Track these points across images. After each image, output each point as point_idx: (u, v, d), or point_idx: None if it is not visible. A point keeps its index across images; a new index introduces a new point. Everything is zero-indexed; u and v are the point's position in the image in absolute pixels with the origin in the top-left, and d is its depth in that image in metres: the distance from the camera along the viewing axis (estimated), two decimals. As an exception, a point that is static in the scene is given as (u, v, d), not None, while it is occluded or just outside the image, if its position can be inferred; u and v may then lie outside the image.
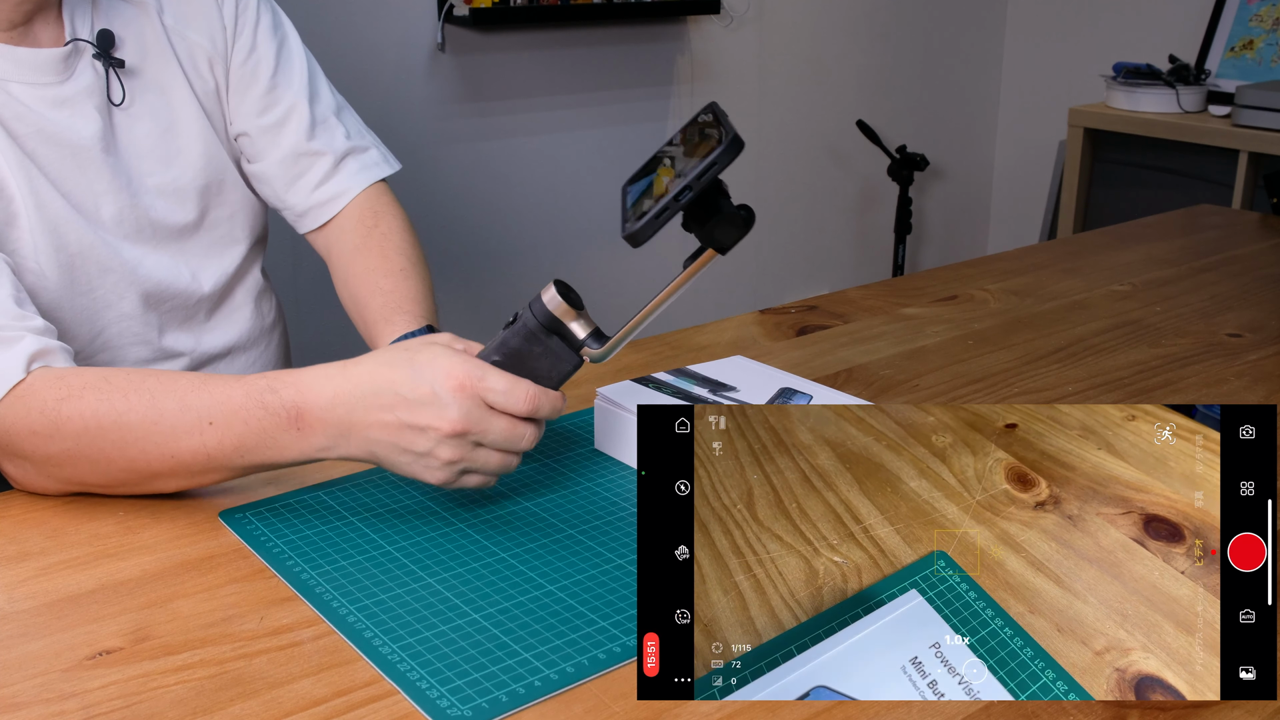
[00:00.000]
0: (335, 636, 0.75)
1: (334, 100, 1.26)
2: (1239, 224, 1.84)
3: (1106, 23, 3.34)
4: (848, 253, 3.51)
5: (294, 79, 1.23)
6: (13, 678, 0.71)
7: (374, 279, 1.18)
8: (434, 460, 0.84)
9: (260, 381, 0.86)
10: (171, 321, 1.17)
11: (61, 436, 0.88)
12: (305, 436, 0.85)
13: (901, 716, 0.67)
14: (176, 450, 0.87)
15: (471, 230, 2.78)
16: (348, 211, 1.24)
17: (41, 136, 1.06)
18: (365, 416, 0.84)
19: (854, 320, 1.36)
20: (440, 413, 0.83)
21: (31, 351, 0.90)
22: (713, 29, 3.04)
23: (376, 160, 1.27)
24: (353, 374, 0.85)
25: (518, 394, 0.84)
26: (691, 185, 0.80)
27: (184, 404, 0.87)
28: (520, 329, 0.87)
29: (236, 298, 1.23)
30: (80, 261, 1.08)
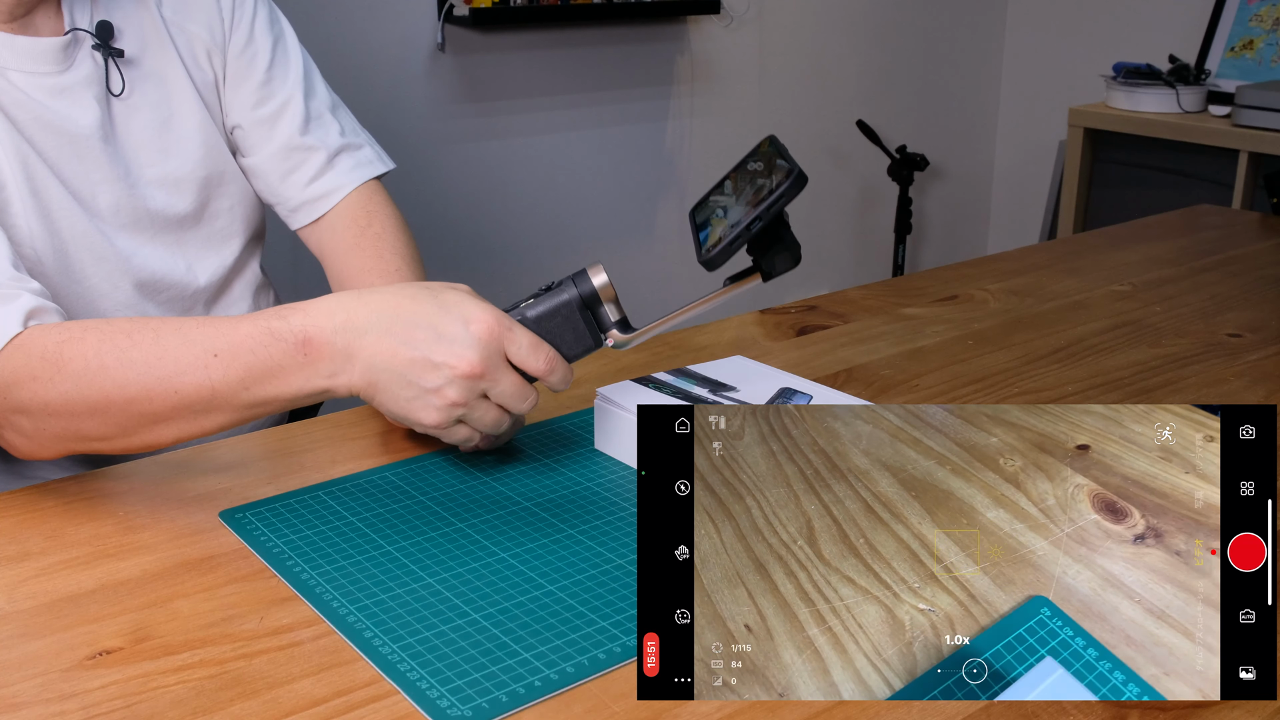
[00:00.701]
0: (335, 636, 0.75)
1: (329, 97, 1.27)
2: (1239, 224, 1.84)
3: (1106, 23, 3.34)
4: (848, 253, 3.51)
5: (290, 73, 1.23)
6: (13, 678, 0.71)
7: (369, 279, 1.18)
8: (438, 399, 0.84)
9: (269, 311, 0.86)
10: (169, 312, 1.17)
11: (62, 377, 0.86)
12: (311, 362, 0.84)
13: (901, 716, 0.67)
14: (180, 386, 0.85)
15: (471, 230, 2.78)
16: (341, 209, 1.24)
17: (40, 124, 1.06)
18: (377, 343, 0.83)
19: (854, 320, 1.36)
20: (462, 352, 0.83)
21: (29, 308, 0.90)
22: (713, 29, 3.04)
23: (370, 158, 1.27)
24: (369, 300, 0.85)
25: (539, 353, 0.86)
26: (762, 216, 0.88)
27: (188, 338, 0.86)
28: (560, 296, 0.90)
29: (234, 291, 1.24)
30: (74, 248, 1.08)
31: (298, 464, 0.98)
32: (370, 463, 0.99)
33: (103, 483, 0.95)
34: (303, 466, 0.98)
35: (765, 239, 0.90)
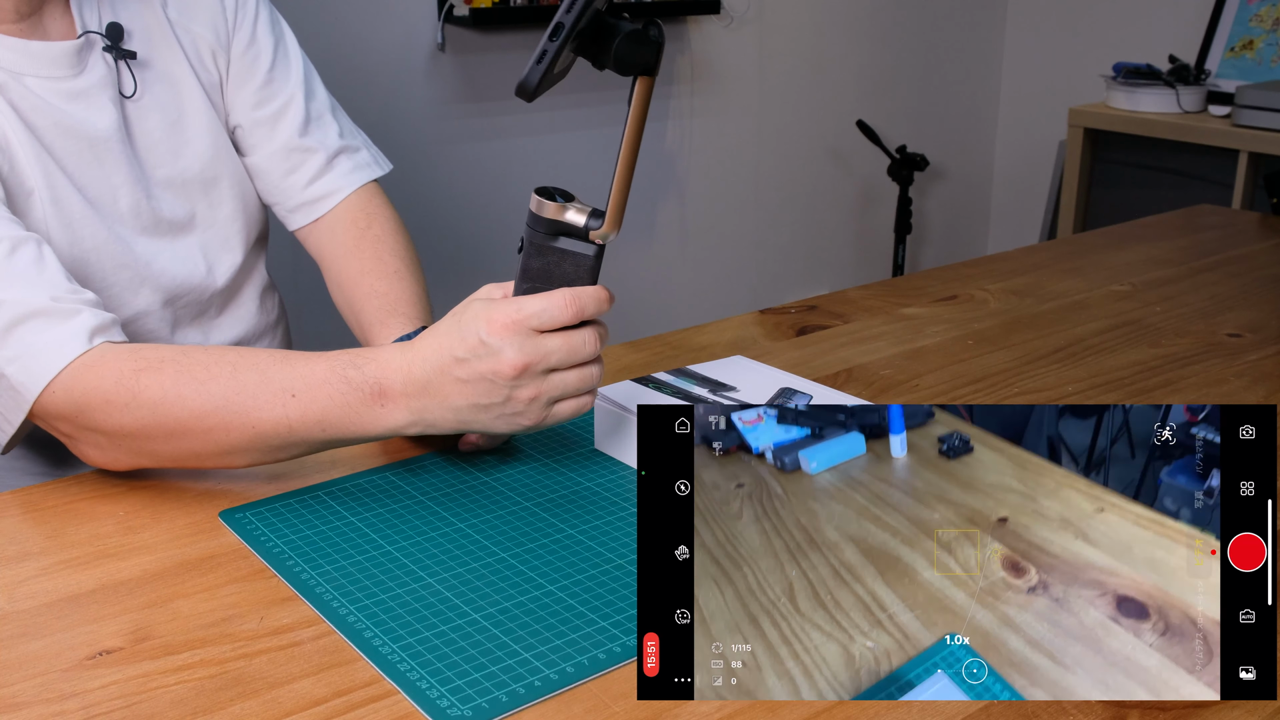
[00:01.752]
0: (335, 636, 0.75)
1: (329, 100, 1.27)
2: (1239, 224, 1.84)
3: (1106, 23, 3.34)
4: (848, 253, 3.51)
5: (291, 74, 1.24)
6: (13, 678, 0.71)
7: (369, 281, 1.18)
8: (517, 404, 0.85)
9: (343, 357, 0.88)
10: (185, 317, 1.18)
11: (138, 405, 0.88)
12: (389, 412, 0.86)
13: (901, 716, 0.67)
14: (258, 422, 0.87)
15: (471, 230, 2.78)
16: (340, 212, 1.24)
17: (59, 129, 1.06)
18: (441, 389, 0.85)
19: (854, 320, 1.36)
20: (496, 357, 0.84)
21: (92, 325, 0.91)
22: (713, 29, 3.04)
23: (368, 161, 1.27)
24: (421, 351, 0.87)
25: (555, 306, 0.85)
26: (563, 21, 0.78)
27: (266, 376, 0.88)
28: (528, 249, 0.87)
29: (245, 292, 1.24)
30: (95, 257, 1.09)
31: (298, 464, 0.98)
32: (370, 463, 0.99)
33: (103, 483, 0.95)
34: (303, 466, 0.98)
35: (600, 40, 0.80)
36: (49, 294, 0.92)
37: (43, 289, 0.92)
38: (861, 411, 0.72)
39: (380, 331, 1.12)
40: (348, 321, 1.22)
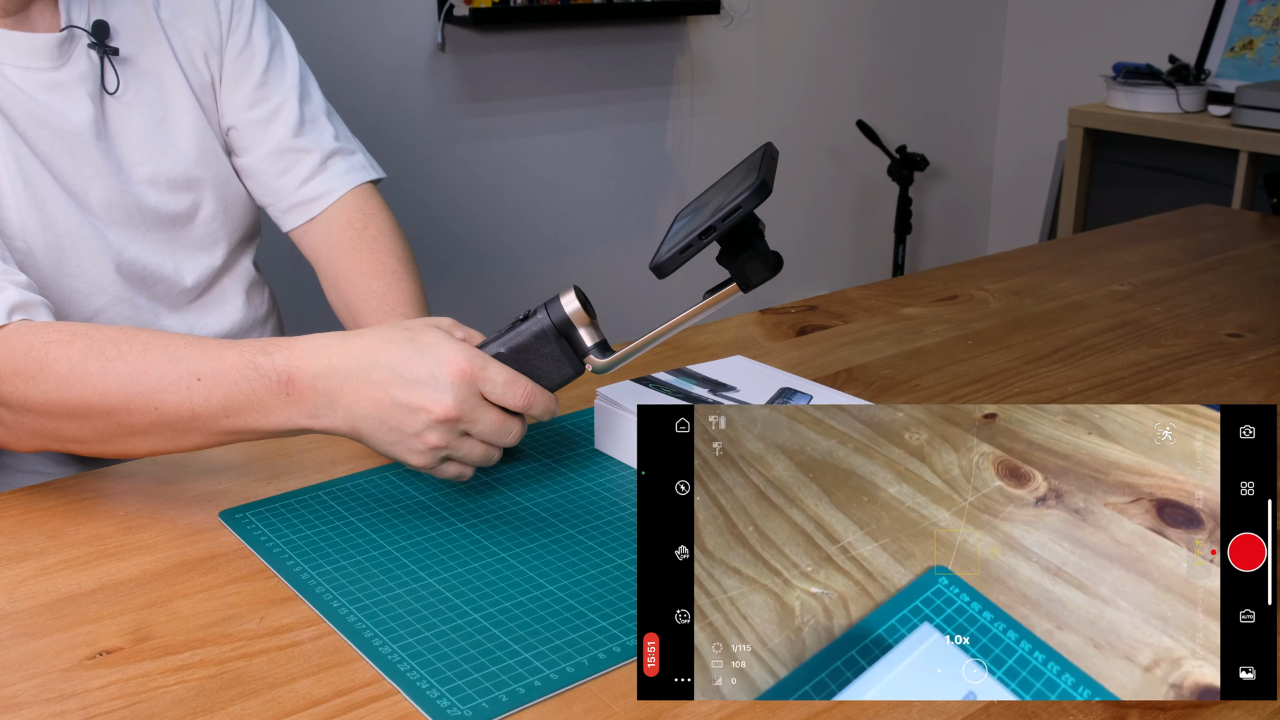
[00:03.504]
0: (335, 636, 0.75)
1: (325, 104, 1.27)
2: (1239, 224, 1.84)
3: (1106, 23, 3.34)
4: (848, 253, 3.51)
5: (286, 76, 1.23)
6: (13, 678, 0.71)
7: (366, 281, 1.18)
8: (419, 443, 0.84)
9: (255, 345, 0.86)
10: (161, 306, 1.18)
11: (45, 378, 0.87)
12: (293, 403, 0.84)
13: (901, 716, 0.67)
14: (161, 404, 0.85)
15: (471, 230, 2.78)
16: (335, 213, 1.23)
17: (33, 119, 1.06)
18: (356, 390, 0.84)
19: (854, 320, 1.36)
20: (436, 396, 0.83)
21: (14, 301, 0.91)
22: (713, 29, 3.04)
23: (363, 164, 1.27)
24: (351, 346, 0.85)
25: (516, 389, 0.85)
26: (715, 225, 0.83)
27: (174, 357, 0.86)
28: (533, 327, 0.88)
29: (225, 289, 1.23)
30: (68, 242, 1.08)
31: (298, 464, 0.98)
32: (370, 463, 0.99)
33: (103, 483, 0.95)
34: (303, 466, 0.98)
35: (735, 248, 0.86)
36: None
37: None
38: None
39: None
40: (343, 321, 1.21)
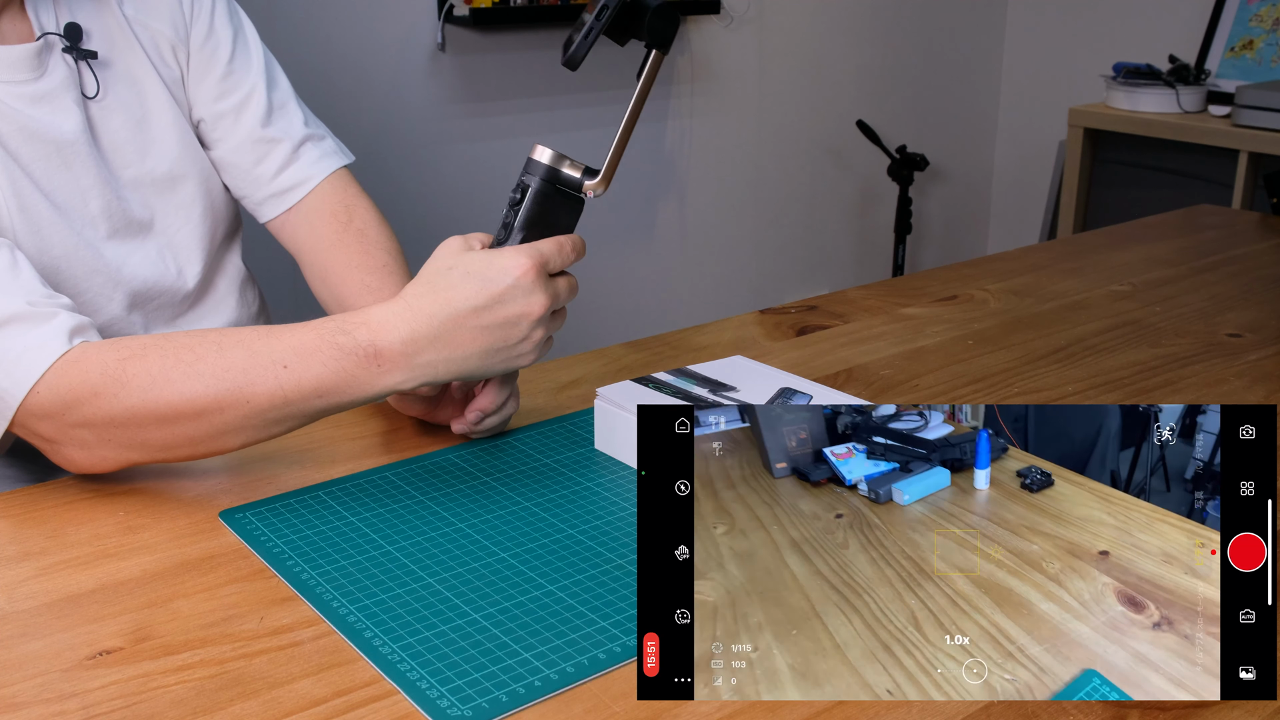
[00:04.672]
0: (335, 636, 0.75)
1: (290, 89, 1.25)
2: (1239, 224, 1.84)
3: (1106, 23, 3.34)
4: (848, 253, 3.51)
5: (251, 64, 1.22)
6: (13, 678, 0.71)
7: (358, 275, 1.16)
8: (528, 345, 0.90)
9: (329, 324, 0.88)
10: (158, 320, 1.16)
11: (128, 393, 0.87)
12: (386, 373, 0.87)
13: (902, 716, 0.67)
14: (253, 397, 0.86)
15: (471, 230, 2.77)
16: (314, 203, 1.22)
17: (24, 135, 1.05)
18: (452, 342, 0.87)
19: (854, 320, 1.36)
20: (528, 299, 0.88)
21: (71, 326, 0.91)
22: (713, 29, 3.04)
23: (334, 149, 1.25)
24: (422, 310, 0.87)
25: (569, 252, 0.91)
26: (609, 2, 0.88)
27: (253, 351, 0.87)
28: (533, 196, 0.92)
29: (220, 288, 1.23)
30: (65, 264, 1.07)
31: (298, 464, 0.98)
32: (370, 463, 0.99)
33: (103, 483, 0.95)
34: (303, 466, 0.98)
35: (628, 20, 0.90)
36: (25, 299, 0.91)
37: (18, 294, 0.92)
38: (944, 446, 0.74)
39: None
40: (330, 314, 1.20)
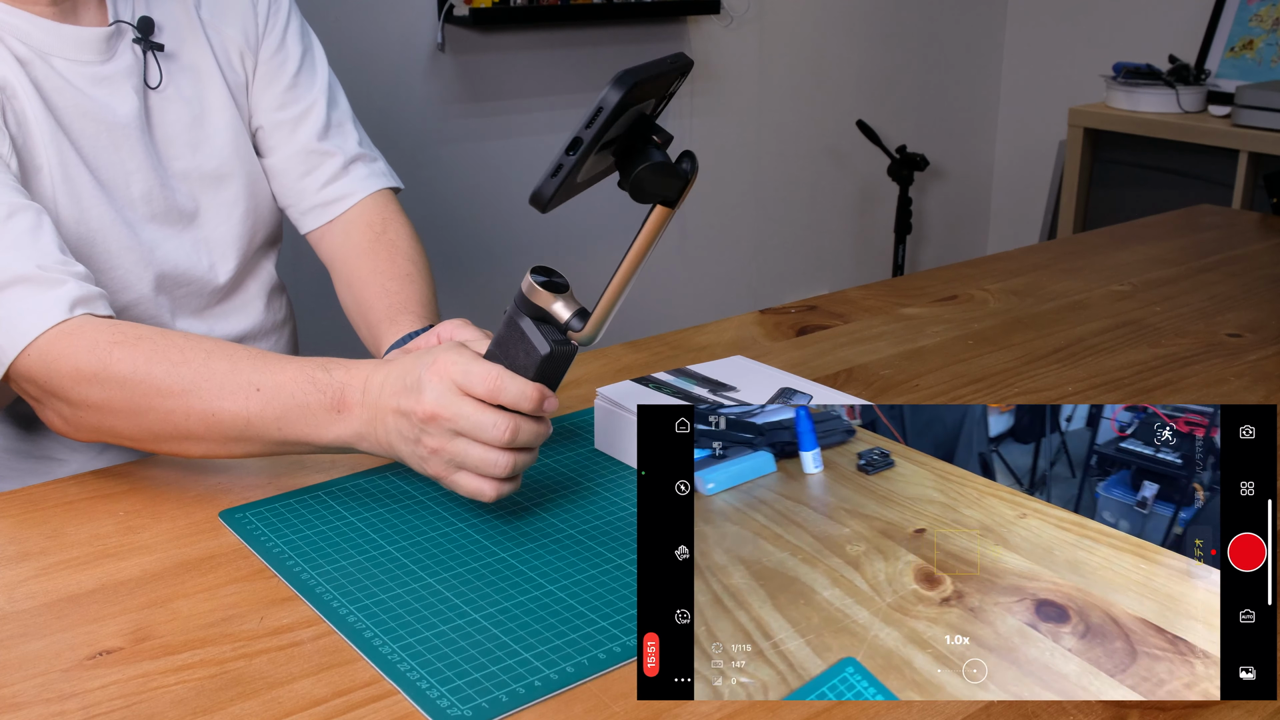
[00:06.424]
0: (335, 636, 0.75)
1: (350, 111, 1.30)
2: (1239, 224, 1.84)
3: (1106, 23, 3.34)
4: (848, 253, 3.51)
5: (316, 80, 1.27)
6: (13, 678, 0.71)
7: (380, 281, 1.19)
8: (423, 449, 0.84)
9: (316, 361, 0.89)
10: (184, 308, 1.18)
11: (106, 380, 0.89)
12: (343, 419, 0.86)
13: (901, 716, 0.67)
14: (218, 410, 0.88)
15: (472, 230, 2.78)
16: (354, 216, 1.25)
17: (79, 112, 1.08)
18: (381, 411, 0.85)
19: (854, 320, 1.36)
20: (418, 396, 0.83)
21: (75, 296, 0.93)
22: (713, 29, 3.04)
23: (384, 171, 1.29)
24: (386, 370, 0.87)
25: (477, 376, 0.82)
26: (580, 136, 0.74)
27: (236, 367, 0.88)
28: (506, 317, 0.86)
29: (249, 290, 1.25)
30: (100, 238, 1.10)
31: (298, 464, 0.98)
32: (370, 463, 0.99)
33: (103, 483, 0.95)
34: (303, 466, 0.98)
35: (627, 163, 0.77)
36: (36, 262, 0.94)
37: (32, 257, 0.94)
38: (772, 429, 0.70)
39: (389, 328, 1.13)
40: (354, 321, 1.22)
